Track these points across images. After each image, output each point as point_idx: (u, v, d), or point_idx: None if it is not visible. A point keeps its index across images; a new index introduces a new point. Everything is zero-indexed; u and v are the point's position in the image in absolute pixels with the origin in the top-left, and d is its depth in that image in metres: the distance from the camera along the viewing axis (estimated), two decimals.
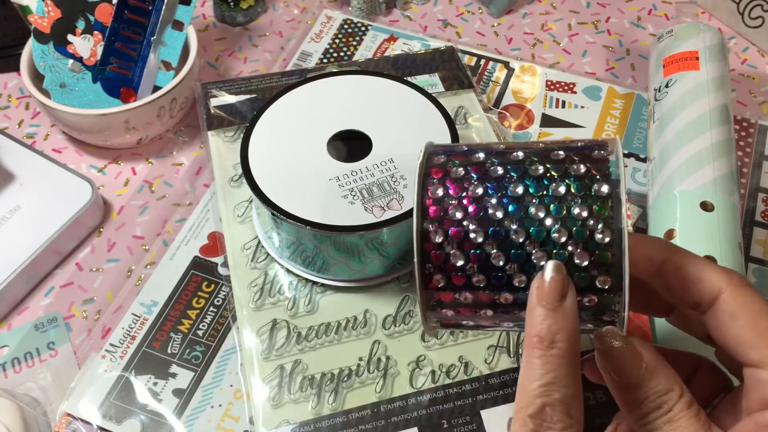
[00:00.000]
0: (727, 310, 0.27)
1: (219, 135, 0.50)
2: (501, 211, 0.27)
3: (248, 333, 0.41)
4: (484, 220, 0.27)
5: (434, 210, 0.27)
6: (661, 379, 0.27)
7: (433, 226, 0.27)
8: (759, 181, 0.51)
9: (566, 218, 0.26)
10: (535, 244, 0.26)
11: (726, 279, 0.28)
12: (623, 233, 0.26)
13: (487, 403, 0.39)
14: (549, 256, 0.26)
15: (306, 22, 0.63)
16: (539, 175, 0.27)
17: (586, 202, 0.26)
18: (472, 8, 0.65)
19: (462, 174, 0.28)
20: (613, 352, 0.27)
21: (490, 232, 0.26)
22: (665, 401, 0.26)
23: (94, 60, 0.52)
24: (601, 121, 0.55)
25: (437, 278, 0.27)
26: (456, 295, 0.27)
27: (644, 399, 0.27)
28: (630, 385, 0.27)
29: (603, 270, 0.26)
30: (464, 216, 0.27)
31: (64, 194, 0.48)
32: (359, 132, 0.44)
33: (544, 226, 0.26)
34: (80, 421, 0.39)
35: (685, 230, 0.42)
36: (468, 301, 0.28)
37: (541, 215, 0.26)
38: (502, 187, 0.27)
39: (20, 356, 0.43)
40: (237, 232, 0.46)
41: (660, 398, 0.26)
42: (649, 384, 0.27)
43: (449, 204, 0.27)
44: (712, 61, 0.49)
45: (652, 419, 0.26)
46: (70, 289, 0.46)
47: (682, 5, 0.56)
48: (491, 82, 0.58)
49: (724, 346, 0.28)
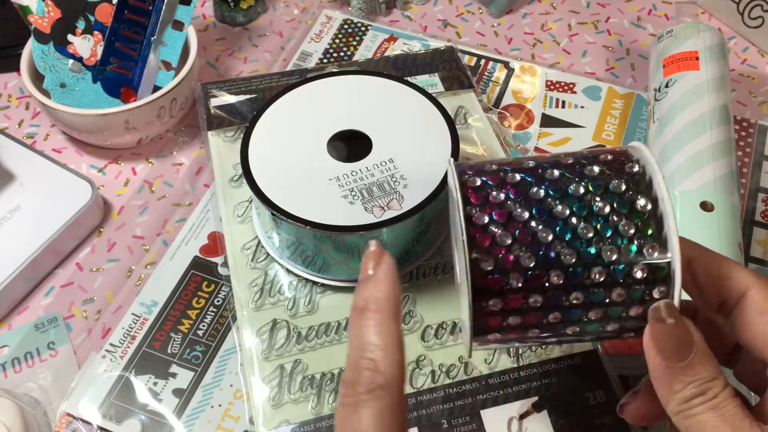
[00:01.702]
0: (755, 306, 0.27)
1: (219, 135, 0.50)
2: (551, 235, 0.27)
3: (248, 333, 0.41)
4: (535, 244, 0.26)
5: (481, 237, 0.27)
6: (708, 366, 0.26)
7: (483, 254, 0.26)
8: (759, 181, 0.51)
9: (614, 236, 0.26)
10: (589, 262, 0.26)
11: (754, 277, 0.28)
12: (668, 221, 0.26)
13: (487, 403, 0.39)
14: (609, 274, 0.26)
15: (306, 22, 0.63)
16: (580, 195, 0.27)
17: (631, 219, 0.27)
18: (472, 8, 0.65)
19: (503, 198, 0.27)
20: (666, 329, 0.26)
21: (543, 254, 0.26)
22: (710, 387, 0.26)
23: (94, 60, 0.52)
24: (601, 121, 0.55)
25: (494, 302, 0.27)
26: (510, 319, 0.27)
27: (690, 382, 0.26)
28: (676, 366, 0.26)
29: (659, 281, 0.27)
30: (513, 241, 0.27)
31: (64, 194, 0.48)
32: (359, 132, 0.44)
33: (594, 244, 0.26)
34: (80, 421, 0.39)
35: (685, 230, 0.42)
36: (516, 324, 0.27)
37: (590, 235, 0.27)
38: (546, 206, 0.27)
39: (20, 356, 0.43)
40: (237, 232, 0.46)
41: (705, 384, 0.26)
42: (696, 368, 0.26)
43: (495, 231, 0.27)
44: (712, 61, 0.49)
45: (695, 404, 0.26)
46: (70, 289, 0.46)
47: (682, 5, 0.56)
48: (491, 82, 0.58)
49: (750, 345, 0.28)
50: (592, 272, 0.26)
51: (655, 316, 0.27)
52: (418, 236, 0.42)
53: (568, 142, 0.54)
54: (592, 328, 0.28)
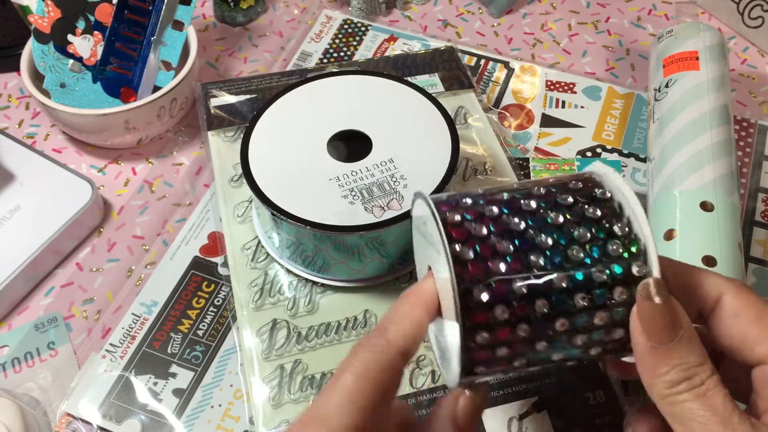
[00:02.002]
0: (730, 309, 0.27)
1: (219, 135, 0.50)
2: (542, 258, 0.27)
3: (248, 333, 0.41)
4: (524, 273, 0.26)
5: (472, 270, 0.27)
6: (695, 350, 0.25)
7: (476, 287, 0.26)
8: (759, 181, 0.51)
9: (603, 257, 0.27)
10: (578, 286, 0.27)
11: (726, 282, 0.28)
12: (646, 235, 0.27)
13: (487, 403, 0.39)
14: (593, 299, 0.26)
15: (306, 22, 0.63)
16: (560, 224, 0.27)
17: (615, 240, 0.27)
18: (472, 8, 0.65)
19: (485, 233, 0.27)
20: (654, 308, 0.25)
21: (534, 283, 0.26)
22: (697, 373, 0.25)
23: (94, 60, 0.52)
24: (601, 121, 0.55)
25: (483, 336, 0.26)
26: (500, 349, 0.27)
27: (675, 366, 0.25)
28: (661, 347, 0.25)
29: None
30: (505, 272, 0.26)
31: (64, 194, 0.48)
32: (359, 132, 0.44)
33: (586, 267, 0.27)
34: (80, 421, 0.39)
35: (685, 230, 0.42)
36: (504, 355, 0.27)
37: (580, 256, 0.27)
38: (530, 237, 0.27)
39: (20, 356, 0.43)
40: (237, 232, 0.46)
41: (692, 369, 0.25)
42: (682, 350, 0.25)
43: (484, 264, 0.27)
44: (712, 61, 0.49)
45: (681, 390, 0.25)
46: (70, 289, 0.46)
47: (682, 5, 0.56)
48: (491, 82, 0.58)
49: (730, 349, 0.28)
50: (577, 297, 0.26)
51: (643, 293, 0.26)
52: None
53: (568, 142, 0.54)
54: (575, 353, 0.28)
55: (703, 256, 0.40)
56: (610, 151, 0.53)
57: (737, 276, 0.40)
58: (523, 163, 0.50)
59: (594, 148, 0.53)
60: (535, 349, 0.27)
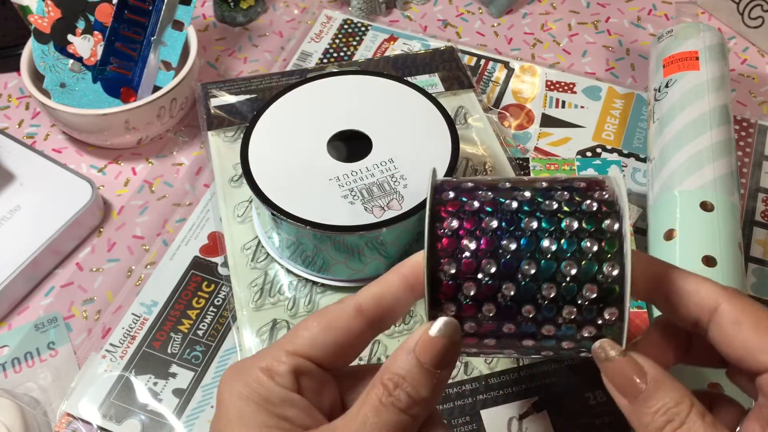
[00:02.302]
0: (729, 318, 0.27)
1: (219, 135, 0.50)
2: (514, 244, 0.27)
3: (248, 333, 0.41)
4: (497, 253, 0.27)
5: (447, 242, 0.27)
6: (669, 391, 0.26)
7: (446, 257, 0.27)
8: (759, 181, 0.51)
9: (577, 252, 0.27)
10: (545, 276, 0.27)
11: (721, 290, 0.28)
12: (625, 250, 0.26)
13: (487, 403, 0.39)
14: (559, 289, 0.27)
15: (306, 22, 0.63)
16: (553, 210, 0.28)
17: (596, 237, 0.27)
18: (472, 8, 0.65)
19: (477, 207, 0.28)
20: (614, 367, 0.27)
21: (502, 263, 0.27)
22: (677, 413, 0.26)
23: (94, 60, 0.52)
24: (601, 121, 0.55)
25: (447, 307, 0.27)
26: (464, 325, 0.28)
27: (655, 413, 0.26)
28: (636, 400, 0.26)
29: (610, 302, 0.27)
30: (477, 248, 0.27)
31: (64, 194, 0.48)
32: (359, 132, 0.44)
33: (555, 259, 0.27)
34: (80, 421, 0.39)
35: (685, 230, 0.42)
36: (473, 331, 0.28)
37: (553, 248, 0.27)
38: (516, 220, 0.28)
39: (20, 356, 0.43)
40: (237, 232, 0.46)
41: (671, 410, 0.26)
42: (656, 396, 0.26)
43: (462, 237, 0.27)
44: (712, 61, 0.49)
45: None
46: (70, 289, 0.46)
47: (682, 5, 0.56)
48: (491, 82, 0.58)
49: (732, 358, 0.28)
50: (544, 287, 0.27)
51: (598, 357, 0.27)
52: (418, 236, 0.42)
53: (568, 142, 0.54)
54: (549, 344, 0.28)
55: (703, 256, 0.40)
56: (610, 151, 0.53)
57: (737, 276, 0.40)
58: (523, 163, 0.50)
59: (594, 148, 0.53)
60: (502, 332, 0.28)
